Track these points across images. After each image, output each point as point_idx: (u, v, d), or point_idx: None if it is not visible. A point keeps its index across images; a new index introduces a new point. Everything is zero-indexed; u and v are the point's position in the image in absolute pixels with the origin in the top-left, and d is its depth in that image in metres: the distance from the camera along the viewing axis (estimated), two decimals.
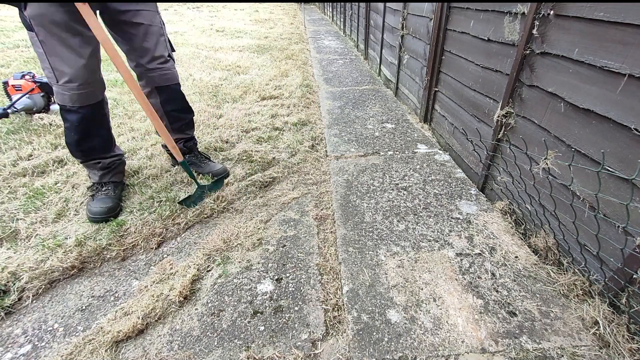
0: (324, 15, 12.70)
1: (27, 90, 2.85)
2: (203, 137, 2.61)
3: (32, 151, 2.36)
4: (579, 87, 1.26)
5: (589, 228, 1.24)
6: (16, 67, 4.21)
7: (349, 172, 2.19)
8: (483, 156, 1.90)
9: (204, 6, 13.72)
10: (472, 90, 2.06)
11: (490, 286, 1.34)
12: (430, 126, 2.82)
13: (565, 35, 1.31)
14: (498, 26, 1.74)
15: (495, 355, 1.09)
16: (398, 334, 1.16)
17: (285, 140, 2.62)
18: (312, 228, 1.72)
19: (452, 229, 1.66)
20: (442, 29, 2.40)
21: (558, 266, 1.41)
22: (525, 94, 1.57)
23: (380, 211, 1.80)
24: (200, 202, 1.87)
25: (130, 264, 1.54)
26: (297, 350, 1.13)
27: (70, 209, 1.81)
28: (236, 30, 8.04)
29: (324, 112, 3.23)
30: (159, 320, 1.26)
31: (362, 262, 1.48)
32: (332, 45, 6.71)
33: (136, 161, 2.26)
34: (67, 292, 1.39)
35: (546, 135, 1.45)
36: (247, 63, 4.90)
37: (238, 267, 1.49)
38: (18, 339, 1.20)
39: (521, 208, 1.66)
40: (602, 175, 1.18)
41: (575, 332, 1.15)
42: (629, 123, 1.08)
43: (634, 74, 1.05)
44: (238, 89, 3.79)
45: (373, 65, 4.82)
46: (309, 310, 1.28)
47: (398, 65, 3.55)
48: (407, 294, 1.32)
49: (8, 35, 6.21)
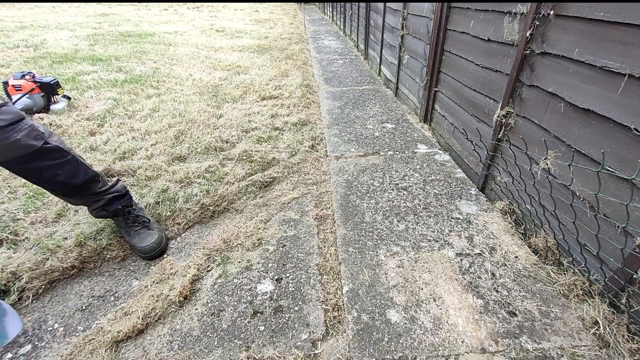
0: (324, 15, 12.69)
1: (27, 90, 2.85)
2: (203, 137, 2.61)
3: None
4: (579, 87, 1.26)
5: (589, 228, 1.24)
6: (16, 67, 4.21)
7: (349, 172, 2.19)
8: (483, 156, 1.90)
9: (204, 6, 13.72)
10: (472, 90, 2.06)
11: (490, 286, 1.34)
12: (430, 126, 2.82)
13: (565, 35, 1.31)
14: (498, 26, 1.74)
15: (495, 355, 1.09)
16: (398, 334, 1.16)
17: (285, 140, 2.62)
18: (312, 228, 1.72)
19: (452, 229, 1.66)
20: (442, 29, 2.40)
21: (558, 266, 1.41)
22: (525, 94, 1.57)
23: (380, 211, 1.80)
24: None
25: (130, 264, 1.54)
26: (297, 350, 1.13)
27: (70, 209, 1.81)
28: (236, 30, 8.04)
29: (324, 112, 3.23)
30: (159, 320, 1.26)
31: (362, 262, 1.48)
32: (332, 45, 6.71)
33: (136, 161, 2.26)
34: (67, 292, 1.39)
35: (546, 135, 1.45)
36: (247, 63, 4.90)
37: (238, 267, 1.49)
38: (18, 339, 1.20)
39: (521, 208, 1.66)
40: (602, 175, 1.18)
41: (575, 332, 1.15)
42: (629, 123, 1.08)
43: (634, 74, 1.05)
44: (238, 89, 3.79)
45: (373, 65, 4.82)
46: (309, 310, 1.28)
47: (398, 65, 3.55)
48: (407, 294, 1.32)
49: (8, 35, 6.21)
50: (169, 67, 4.64)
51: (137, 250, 1.55)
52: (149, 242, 1.55)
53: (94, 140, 2.53)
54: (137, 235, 1.57)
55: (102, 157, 2.31)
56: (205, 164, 2.25)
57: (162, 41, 6.38)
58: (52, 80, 3.01)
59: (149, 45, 5.97)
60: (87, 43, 5.92)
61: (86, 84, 3.77)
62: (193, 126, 2.81)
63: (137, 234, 1.57)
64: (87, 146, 2.45)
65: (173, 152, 2.40)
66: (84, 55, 5.01)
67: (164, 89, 3.73)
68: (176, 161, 2.31)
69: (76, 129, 2.70)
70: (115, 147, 2.45)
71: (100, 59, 4.82)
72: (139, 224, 1.60)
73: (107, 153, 2.37)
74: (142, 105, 3.25)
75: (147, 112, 3.06)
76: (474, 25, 1.99)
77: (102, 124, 2.83)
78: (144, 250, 1.53)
